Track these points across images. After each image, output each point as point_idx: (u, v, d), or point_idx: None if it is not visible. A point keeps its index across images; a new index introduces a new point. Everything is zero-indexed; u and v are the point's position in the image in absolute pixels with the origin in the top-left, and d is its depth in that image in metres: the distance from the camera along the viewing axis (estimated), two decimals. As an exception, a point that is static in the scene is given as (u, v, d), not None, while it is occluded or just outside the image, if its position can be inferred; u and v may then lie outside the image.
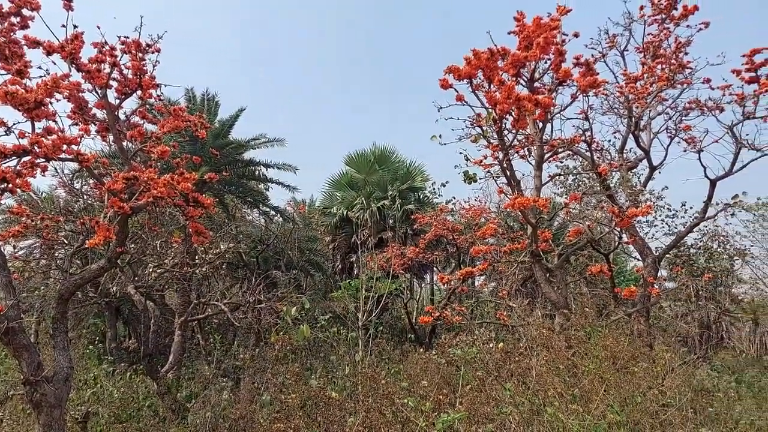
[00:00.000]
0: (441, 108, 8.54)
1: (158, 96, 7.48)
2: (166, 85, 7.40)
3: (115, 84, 6.97)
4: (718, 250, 15.28)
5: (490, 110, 8.09)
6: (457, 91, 8.17)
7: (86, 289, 11.42)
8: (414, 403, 4.40)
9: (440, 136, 9.38)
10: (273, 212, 16.84)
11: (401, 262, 16.28)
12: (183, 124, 7.35)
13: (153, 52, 7.16)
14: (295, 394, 4.91)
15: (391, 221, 18.63)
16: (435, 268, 21.31)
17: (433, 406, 4.49)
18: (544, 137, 9.45)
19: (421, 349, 10.23)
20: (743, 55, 9.32)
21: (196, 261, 10.24)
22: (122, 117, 7.35)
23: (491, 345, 7.44)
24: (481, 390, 5.61)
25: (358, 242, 14.80)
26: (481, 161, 9.92)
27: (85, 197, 10.21)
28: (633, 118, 10.50)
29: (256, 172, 14.78)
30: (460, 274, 10.56)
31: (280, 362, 6.28)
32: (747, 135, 9.98)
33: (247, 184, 15.06)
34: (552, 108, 8.63)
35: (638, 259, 11.25)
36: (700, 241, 15.21)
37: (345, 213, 19.26)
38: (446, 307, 11.70)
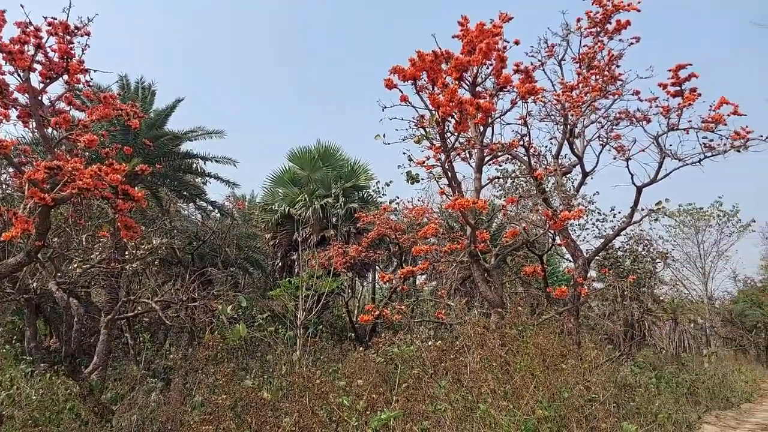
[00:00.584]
0: (385, 108, 8.59)
1: (87, 82, 7.14)
2: (96, 71, 7.08)
3: (39, 67, 6.62)
4: (643, 253, 16.28)
5: (434, 112, 8.21)
6: (401, 92, 8.23)
7: (3, 284, 10.64)
8: (349, 402, 4.39)
9: (384, 136, 9.45)
10: (210, 207, 16.32)
11: (343, 260, 16.23)
12: (114, 112, 7.02)
13: (82, 35, 6.83)
14: (225, 395, 4.78)
15: (334, 219, 18.53)
16: (377, 267, 21.40)
17: (366, 404, 4.49)
18: (484, 141, 9.68)
19: (361, 348, 10.24)
20: (669, 70, 9.93)
21: (126, 257, 9.77)
22: (46, 102, 6.97)
23: (429, 343, 7.54)
24: (417, 388, 5.68)
25: (300, 240, 14.61)
26: (424, 162, 10.03)
27: (3, 187, 9.52)
28: (568, 126, 10.92)
29: (194, 165, 14.26)
30: (402, 273, 10.66)
31: (211, 362, 6.10)
32: (671, 145, 10.68)
33: (184, 177, 14.51)
34: (493, 113, 8.85)
35: (570, 261, 11.76)
36: (627, 245, 16.15)
37: (287, 210, 18.95)
38: (387, 305, 11.78)
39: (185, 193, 15.18)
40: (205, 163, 14.33)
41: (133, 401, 7.89)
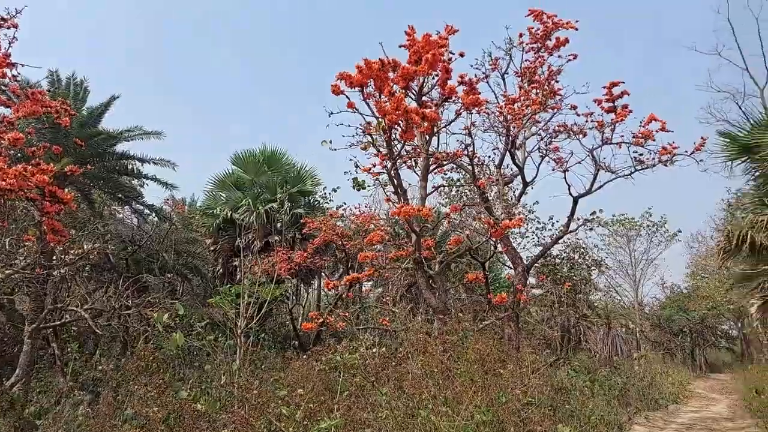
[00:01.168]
0: (332, 113, 8.56)
1: (14, 76, 6.72)
2: (24, 65, 6.68)
3: (-41, 60, 6.16)
4: (579, 260, 16.95)
5: (381, 120, 8.25)
6: (348, 98, 8.23)
7: None
8: (289, 413, 4.30)
9: (330, 142, 9.42)
10: (147, 211, 15.63)
11: (288, 267, 15.95)
12: (42, 109, 6.62)
13: (9, 27, 6.42)
14: (158, 407, 4.56)
15: (279, 225, 18.19)
16: (323, 274, 21.18)
17: (304, 414, 4.41)
18: (430, 149, 9.83)
19: (305, 356, 10.08)
20: (604, 87, 10.46)
21: (54, 262, 9.19)
22: (-32, 97, 6.50)
23: (374, 350, 7.52)
24: (359, 395, 5.64)
25: (242, 246, 14.23)
26: (371, 169, 10.06)
27: None
28: (510, 137, 11.25)
29: (130, 167, 13.62)
30: (347, 279, 10.62)
31: (143, 373, 5.81)
32: (605, 158, 11.22)
33: (119, 179, 13.81)
34: (438, 122, 9.01)
35: (511, 268, 12.08)
36: (564, 252, 16.78)
37: (229, 214, 18.39)
38: (331, 313, 11.67)
39: (120, 195, 14.48)
40: (142, 165, 13.72)
41: (59, 415, 7.40)
